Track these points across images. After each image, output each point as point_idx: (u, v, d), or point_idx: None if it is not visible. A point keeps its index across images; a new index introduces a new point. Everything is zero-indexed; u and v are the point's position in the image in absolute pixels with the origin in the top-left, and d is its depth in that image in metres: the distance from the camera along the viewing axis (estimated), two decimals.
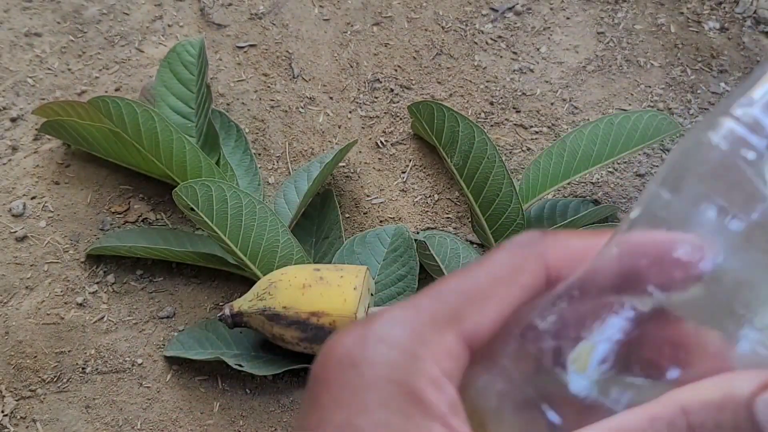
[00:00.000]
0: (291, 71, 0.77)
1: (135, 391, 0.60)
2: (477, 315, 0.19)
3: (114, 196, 0.69)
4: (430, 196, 0.70)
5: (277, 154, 0.72)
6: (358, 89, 0.76)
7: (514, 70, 0.78)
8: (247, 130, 0.73)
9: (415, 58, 0.78)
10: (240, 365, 0.58)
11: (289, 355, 0.59)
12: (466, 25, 0.81)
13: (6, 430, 0.58)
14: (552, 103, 0.76)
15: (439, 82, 0.77)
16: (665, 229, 0.19)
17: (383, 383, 0.18)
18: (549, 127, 0.74)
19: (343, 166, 0.71)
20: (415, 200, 0.70)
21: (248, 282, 0.63)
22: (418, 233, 0.67)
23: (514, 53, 0.79)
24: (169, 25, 0.80)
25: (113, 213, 0.68)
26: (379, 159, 0.72)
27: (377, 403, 0.18)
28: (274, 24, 0.80)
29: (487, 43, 0.80)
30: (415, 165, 0.72)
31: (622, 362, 0.18)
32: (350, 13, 0.81)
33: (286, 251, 0.60)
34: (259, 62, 0.78)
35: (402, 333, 0.19)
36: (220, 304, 0.64)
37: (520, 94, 0.76)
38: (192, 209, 0.57)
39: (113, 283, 0.64)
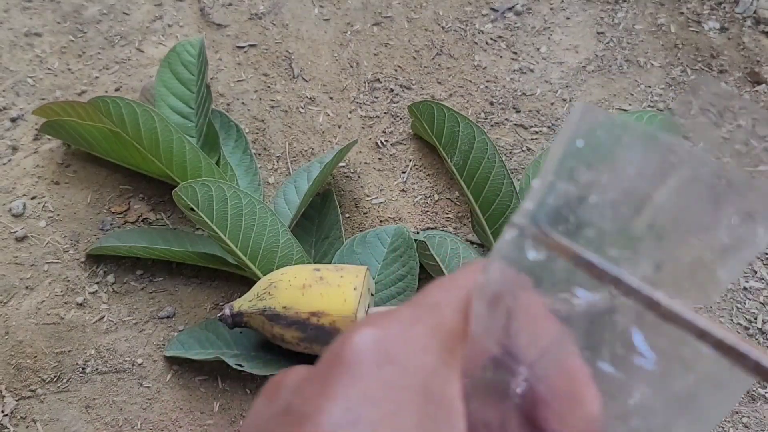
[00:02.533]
0: (291, 71, 0.77)
1: (135, 391, 0.59)
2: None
3: (114, 196, 0.69)
4: (430, 196, 0.70)
5: (277, 154, 0.72)
6: (358, 89, 0.76)
7: (514, 70, 0.78)
8: (247, 130, 0.73)
9: (415, 58, 0.78)
10: (240, 365, 0.57)
11: (289, 355, 0.59)
12: (466, 25, 0.81)
13: (6, 430, 0.57)
14: (552, 103, 0.76)
15: (439, 82, 0.77)
16: None
17: (416, 388, 0.18)
18: (549, 127, 0.74)
19: (343, 166, 0.71)
20: (415, 200, 0.70)
21: (248, 282, 0.63)
22: (418, 233, 0.67)
23: (514, 53, 0.79)
24: (169, 25, 0.80)
25: (113, 213, 0.68)
26: (379, 159, 0.72)
27: (409, 407, 0.18)
28: (274, 24, 0.80)
29: (487, 43, 0.80)
30: (415, 165, 0.72)
31: None
32: (350, 13, 0.81)
33: (286, 251, 0.60)
34: (259, 62, 0.78)
35: (434, 341, 0.19)
36: (220, 304, 0.64)
37: (520, 94, 0.76)
38: (192, 209, 0.57)
39: (113, 283, 0.64)
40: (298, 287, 0.56)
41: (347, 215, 0.69)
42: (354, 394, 0.18)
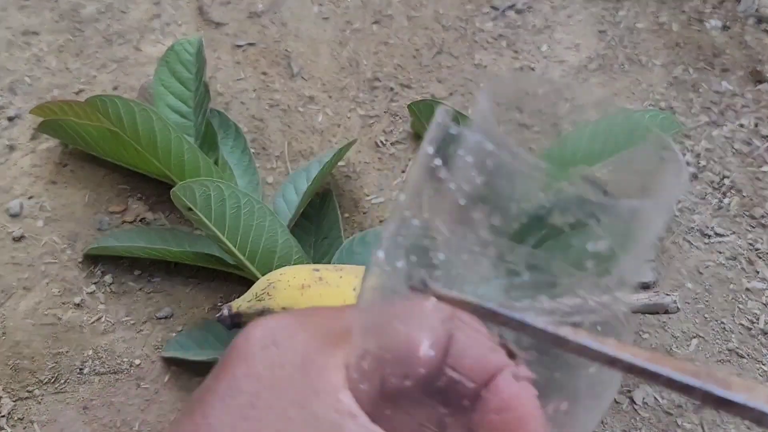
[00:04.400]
0: (290, 70, 0.77)
1: (133, 392, 0.59)
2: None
3: (112, 196, 0.68)
4: None
5: (276, 154, 0.72)
6: (358, 88, 0.76)
7: (515, 69, 0.77)
8: (245, 130, 0.73)
9: (415, 56, 0.78)
10: None
11: None
12: (467, 23, 0.80)
13: (3, 431, 0.57)
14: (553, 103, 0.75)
15: (439, 81, 0.76)
16: None
17: (296, 364, 0.20)
18: (550, 127, 0.74)
19: (343, 166, 0.71)
20: None
21: (247, 282, 0.62)
22: None
23: (515, 52, 0.79)
24: (167, 24, 0.79)
25: (111, 213, 0.68)
26: (379, 158, 0.72)
27: (288, 380, 0.20)
28: (273, 22, 0.80)
29: (487, 41, 0.79)
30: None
31: None
32: (350, 12, 0.81)
33: (285, 251, 0.60)
34: (258, 61, 0.77)
35: (318, 333, 0.21)
36: (219, 304, 0.63)
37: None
38: (190, 209, 0.56)
39: (111, 284, 0.64)
40: (297, 288, 0.56)
41: (347, 215, 0.68)
42: (239, 372, 0.20)
